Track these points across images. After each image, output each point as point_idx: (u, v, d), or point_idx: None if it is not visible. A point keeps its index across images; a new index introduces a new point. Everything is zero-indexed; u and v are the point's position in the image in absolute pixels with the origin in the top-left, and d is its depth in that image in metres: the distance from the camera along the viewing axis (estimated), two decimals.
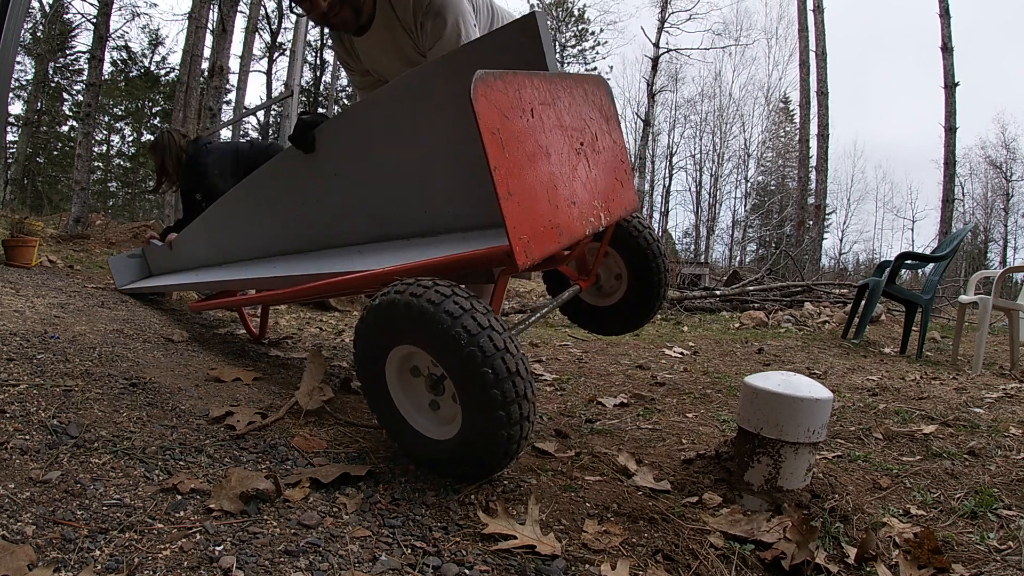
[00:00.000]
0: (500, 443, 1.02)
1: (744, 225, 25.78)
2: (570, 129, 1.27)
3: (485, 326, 1.01)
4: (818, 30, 14.10)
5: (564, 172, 1.21)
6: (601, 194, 1.36)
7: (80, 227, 7.17)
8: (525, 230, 1.07)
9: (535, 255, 1.08)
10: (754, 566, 0.95)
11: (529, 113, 1.12)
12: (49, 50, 18.25)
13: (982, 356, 3.06)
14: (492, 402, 0.99)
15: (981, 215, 24.28)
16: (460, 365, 1.01)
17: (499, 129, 1.03)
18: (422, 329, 1.03)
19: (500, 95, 1.04)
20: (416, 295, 1.04)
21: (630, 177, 1.54)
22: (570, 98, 1.28)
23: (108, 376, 1.56)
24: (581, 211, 1.25)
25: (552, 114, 1.20)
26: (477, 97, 0.98)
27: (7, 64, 2.33)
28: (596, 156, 1.36)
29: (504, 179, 1.02)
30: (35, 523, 0.83)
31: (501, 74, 1.05)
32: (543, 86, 1.18)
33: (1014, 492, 1.26)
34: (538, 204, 1.11)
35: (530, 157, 1.10)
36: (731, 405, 2.05)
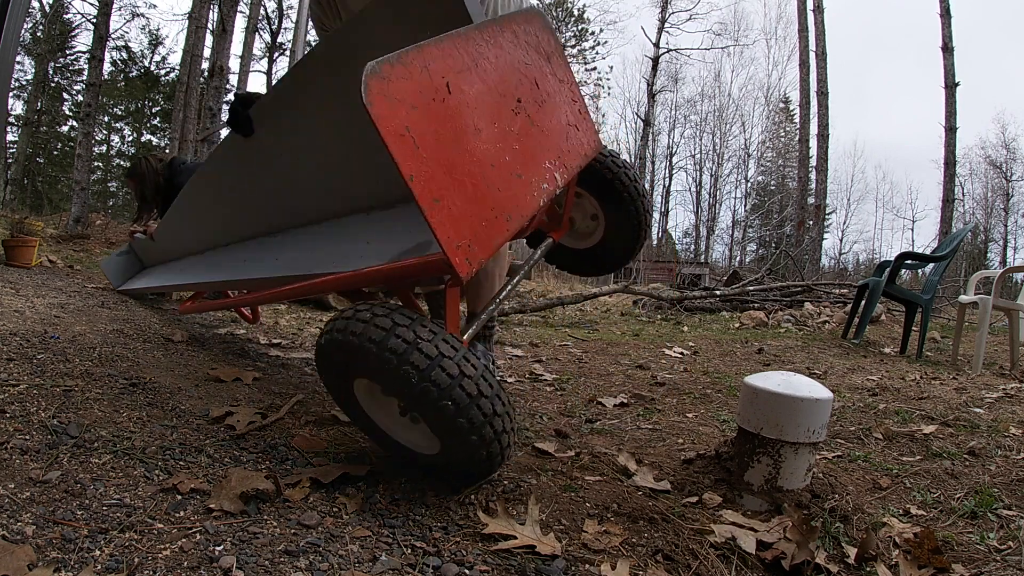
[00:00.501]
0: (482, 461, 1.00)
1: (744, 225, 25.79)
2: (502, 88, 1.08)
3: (433, 356, 0.92)
4: (818, 30, 14.10)
5: (502, 144, 1.04)
6: (552, 150, 1.19)
7: (80, 227, 7.17)
8: (463, 234, 0.94)
9: (481, 257, 0.96)
10: (754, 566, 0.95)
11: (444, 90, 0.95)
12: (49, 50, 18.25)
13: (982, 356, 3.06)
14: (461, 430, 0.94)
15: (981, 215, 24.29)
16: (417, 402, 0.95)
17: (408, 128, 0.87)
18: (371, 368, 0.96)
19: (401, 84, 0.87)
20: (356, 333, 0.95)
21: (585, 116, 1.35)
22: (496, 50, 1.08)
23: (108, 376, 1.56)
24: (530, 181, 1.10)
25: (475, 79, 1.02)
26: (372, 98, 0.83)
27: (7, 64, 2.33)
28: (539, 108, 1.17)
29: (426, 186, 0.89)
30: (35, 523, 0.83)
31: (398, 57, 0.88)
32: (458, 48, 0.99)
33: (1014, 492, 1.26)
34: (474, 196, 0.97)
35: (455, 144, 0.95)
36: (731, 405, 2.05)
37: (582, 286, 10.19)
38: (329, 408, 1.60)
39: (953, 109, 12.24)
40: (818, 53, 13.98)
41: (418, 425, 1.08)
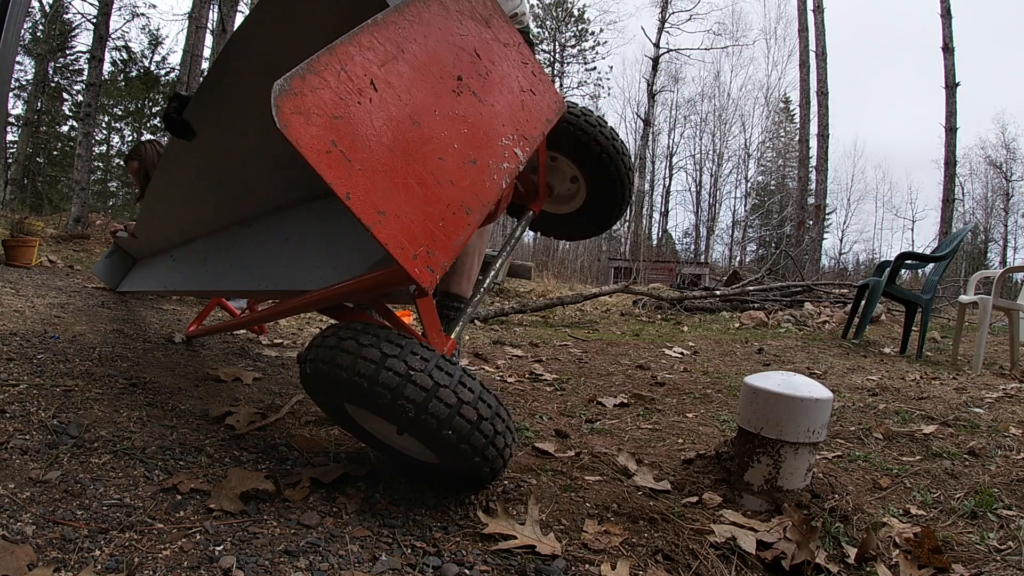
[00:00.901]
0: (484, 475, 1.00)
1: (744, 225, 25.79)
2: (437, 69, 0.99)
3: (429, 387, 0.87)
4: (818, 30, 14.11)
5: (447, 132, 0.96)
6: (508, 123, 1.10)
7: (80, 227, 7.17)
8: (418, 241, 0.87)
9: (444, 260, 0.90)
10: (754, 566, 0.95)
11: (370, 88, 0.86)
12: (49, 50, 18.25)
13: (982, 356, 3.06)
14: (464, 454, 0.92)
15: (981, 215, 24.29)
16: (416, 432, 0.91)
17: (334, 141, 0.80)
18: (363, 402, 0.91)
19: (318, 95, 0.79)
20: (344, 367, 0.89)
21: (541, 76, 1.23)
22: (423, 28, 0.98)
23: (108, 376, 1.56)
24: (487, 164, 1.02)
25: (404, 67, 0.93)
26: (287, 120, 0.75)
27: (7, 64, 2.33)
28: (485, 81, 1.08)
29: (366, 201, 0.81)
30: (35, 523, 0.83)
31: (308, 66, 0.79)
32: (376, 38, 0.90)
33: (1014, 492, 1.26)
34: (424, 198, 0.89)
35: (393, 145, 0.87)
36: (731, 405, 2.05)
37: (582, 286, 10.19)
38: None
39: (953, 109, 12.25)
40: (818, 53, 13.99)
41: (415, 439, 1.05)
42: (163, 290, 2.41)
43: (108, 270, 3.16)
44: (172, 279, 2.24)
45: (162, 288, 2.32)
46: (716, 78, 25.94)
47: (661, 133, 26.13)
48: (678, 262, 18.93)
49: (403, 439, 1.06)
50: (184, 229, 2.21)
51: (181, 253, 2.25)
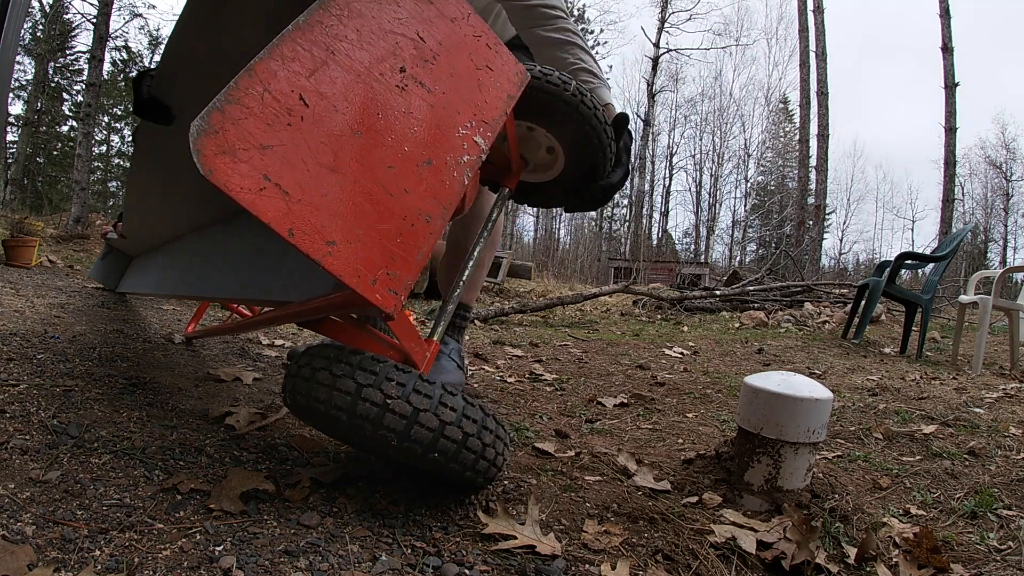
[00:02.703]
0: (478, 485, 0.99)
1: (744, 225, 25.80)
2: (376, 65, 0.87)
3: (408, 414, 0.85)
4: (818, 30, 14.12)
5: (395, 135, 0.87)
6: (464, 110, 1.00)
7: (80, 227, 7.17)
8: (376, 264, 0.81)
9: (408, 278, 0.84)
10: (754, 566, 0.95)
11: (300, 105, 0.77)
12: (49, 50, 18.25)
13: (982, 356, 3.06)
14: (454, 472, 0.92)
15: (981, 215, 24.30)
16: (403, 457, 0.89)
17: (266, 175, 0.71)
18: (340, 433, 0.89)
19: (242, 126, 0.70)
20: (320, 400, 0.86)
21: (497, 48, 1.09)
22: (355, 21, 0.87)
23: (108, 376, 1.56)
24: (444, 161, 0.94)
25: (336, 71, 0.82)
26: (211, 165, 0.67)
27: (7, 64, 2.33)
28: (433, 67, 0.96)
29: (311, 234, 0.74)
30: (35, 523, 0.83)
31: (225, 96, 0.70)
32: (299, 46, 0.78)
33: (1014, 492, 1.26)
34: (376, 215, 0.82)
35: (333, 165, 0.79)
36: (731, 405, 2.05)
37: (582, 286, 10.19)
38: None
39: (953, 109, 12.26)
40: (818, 53, 14.00)
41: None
42: (159, 294, 2.39)
43: (105, 271, 3.15)
44: (165, 283, 2.22)
45: (157, 292, 2.29)
46: (716, 78, 25.97)
47: (661, 133, 26.15)
48: (678, 262, 18.93)
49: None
50: (167, 227, 2.14)
51: (172, 250, 2.20)
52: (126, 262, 3.19)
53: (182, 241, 2.09)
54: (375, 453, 0.92)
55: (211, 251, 1.73)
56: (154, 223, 2.24)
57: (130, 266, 3.14)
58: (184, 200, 1.83)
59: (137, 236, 2.56)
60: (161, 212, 2.08)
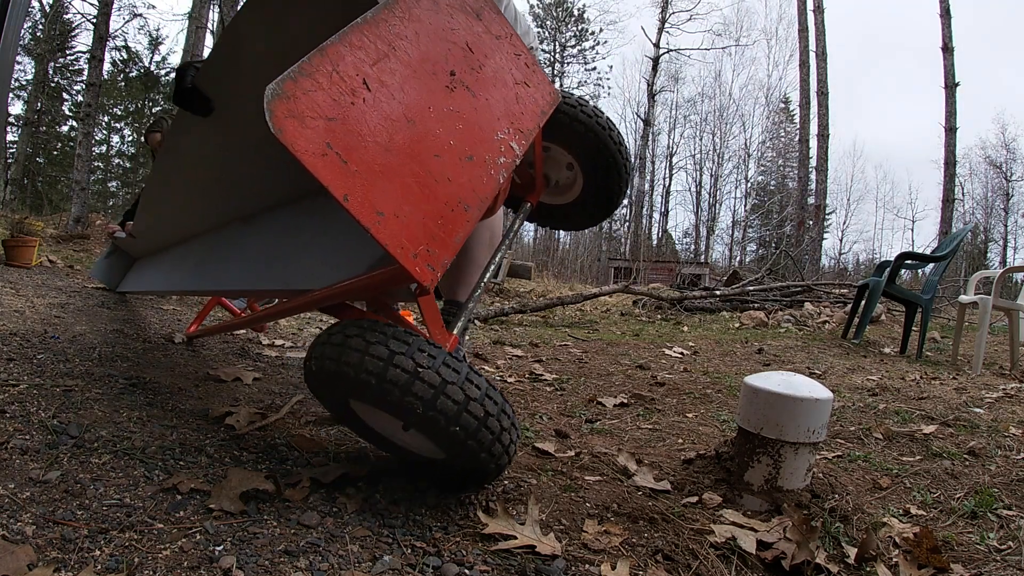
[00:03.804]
0: (490, 472, 1.01)
1: (744, 225, 25.78)
2: (430, 65, 0.98)
3: (437, 384, 0.88)
4: (818, 30, 14.12)
5: (442, 129, 0.96)
6: (503, 117, 1.09)
7: (80, 227, 7.17)
8: (418, 240, 0.87)
9: (444, 258, 0.90)
10: (754, 566, 0.95)
11: (363, 88, 0.85)
12: (49, 50, 18.25)
13: (982, 356, 3.06)
14: (471, 450, 0.94)
15: (981, 215, 24.28)
16: (423, 428, 0.92)
17: (329, 143, 0.79)
18: (371, 398, 0.91)
19: (310, 97, 0.79)
20: (351, 364, 0.89)
21: (535, 68, 1.21)
22: (414, 24, 0.96)
23: (108, 376, 1.56)
24: (484, 159, 1.02)
25: (396, 65, 0.92)
26: (280, 124, 0.74)
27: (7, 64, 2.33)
28: (478, 74, 1.06)
29: (364, 201, 0.82)
30: (35, 523, 0.83)
31: (299, 68, 0.78)
32: (367, 37, 0.88)
33: (1014, 492, 1.26)
34: (422, 196, 0.90)
35: (388, 145, 0.87)
36: (731, 405, 2.05)
37: (582, 286, 10.19)
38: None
39: (953, 109, 12.26)
40: (818, 53, 14.00)
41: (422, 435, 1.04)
42: (165, 291, 2.38)
43: (107, 271, 3.15)
44: (173, 279, 2.22)
45: (164, 289, 2.28)
46: (716, 78, 25.96)
47: (661, 133, 26.13)
48: (678, 262, 18.92)
49: (408, 436, 1.06)
50: (184, 226, 2.18)
51: (181, 251, 2.23)
52: (129, 263, 3.19)
53: (194, 241, 2.10)
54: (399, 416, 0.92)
55: (227, 248, 1.74)
56: (170, 222, 2.24)
57: (133, 267, 3.14)
58: (204, 199, 1.85)
59: (149, 235, 2.56)
60: (179, 211, 2.09)
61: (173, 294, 3.12)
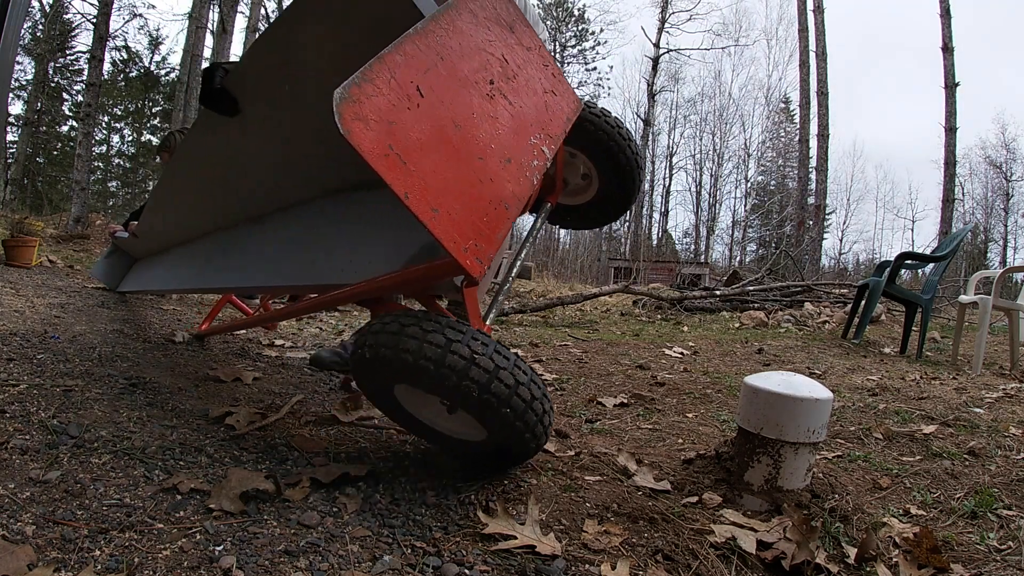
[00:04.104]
0: (530, 450, 1.08)
1: (744, 225, 25.77)
2: (472, 74, 1.04)
3: (491, 369, 0.95)
4: (818, 30, 14.11)
5: (484, 133, 1.03)
6: (535, 124, 1.16)
7: (80, 227, 7.17)
8: (468, 235, 0.94)
9: (489, 252, 0.97)
10: (754, 566, 0.95)
11: (416, 95, 0.92)
12: (49, 50, 18.24)
13: (982, 356, 3.06)
14: (517, 430, 1.00)
15: (981, 215, 24.27)
16: (476, 409, 0.98)
17: (391, 145, 0.86)
18: (422, 381, 0.97)
19: (373, 102, 0.85)
20: (409, 351, 0.95)
21: (560, 78, 1.30)
22: (457, 36, 1.03)
23: (108, 376, 1.56)
24: (520, 162, 1.09)
25: (443, 73, 0.98)
26: (350, 127, 0.81)
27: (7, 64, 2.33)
28: (513, 84, 1.14)
29: (422, 199, 0.88)
30: (35, 523, 0.83)
31: (362, 75, 0.84)
32: (419, 47, 0.94)
33: (1014, 492, 1.26)
34: (470, 195, 0.96)
35: (439, 147, 0.93)
36: (731, 405, 2.05)
37: (582, 286, 10.19)
38: (329, 408, 1.60)
39: (953, 109, 12.25)
40: (818, 53, 14.00)
41: (464, 417, 1.10)
42: (173, 289, 2.39)
43: (107, 270, 3.15)
44: (182, 277, 2.22)
45: (172, 287, 2.29)
46: (716, 78, 25.95)
47: (661, 133, 26.12)
48: (678, 262, 18.92)
49: (449, 421, 1.13)
50: (192, 226, 2.20)
51: (188, 250, 2.23)
52: (129, 263, 3.19)
53: (203, 240, 2.11)
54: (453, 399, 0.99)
55: (243, 245, 1.77)
56: (179, 222, 2.27)
57: (133, 267, 3.14)
58: (217, 199, 1.89)
59: (155, 235, 2.57)
60: (189, 211, 2.12)
61: (181, 292, 3.12)
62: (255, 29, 11.24)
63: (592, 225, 1.84)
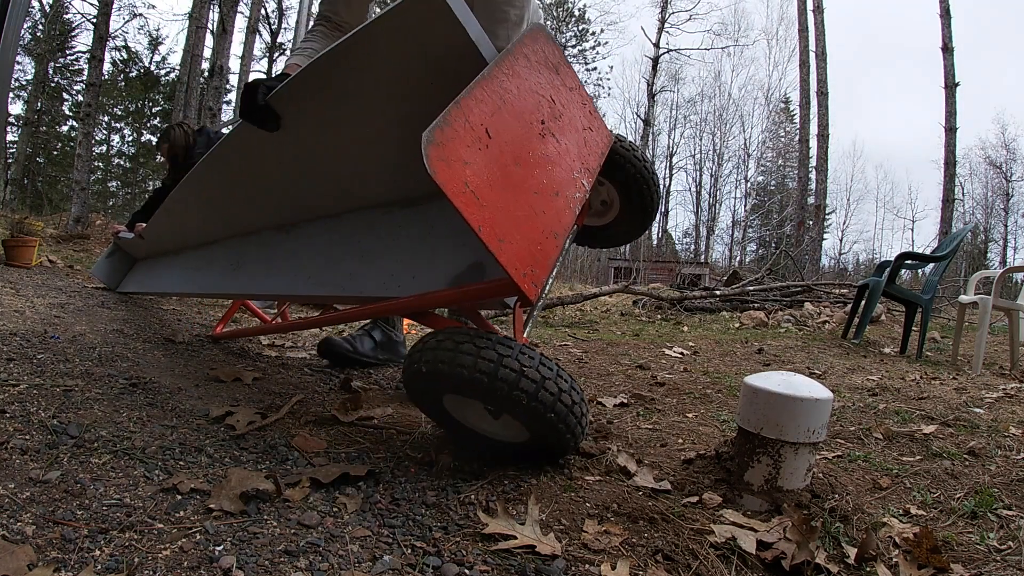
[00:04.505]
0: (570, 447, 1.19)
1: (744, 225, 25.78)
2: (527, 116, 1.13)
3: (538, 380, 1.06)
4: (818, 30, 14.12)
5: (538, 171, 1.12)
6: (576, 159, 1.25)
7: (80, 227, 7.17)
8: (526, 262, 1.03)
9: (542, 277, 1.07)
10: (754, 566, 0.95)
11: (485, 136, 1.01)
12: (49, 50, 18.25)
13: (982, 356, 3.06)
14: (561, 432, 1.12)
15: (981, 215, 24.28)
16: (524, 415, 1.08)
17: (467, 183, 0.94)
18: (477, 392, 1.07)
19: (453, 144, 0.93)
20: (465, 366, 1.05)
21: (595, 115, 1.40)
22: (516, 80, 1.12)
23: (108, 376, 1.56)
24: (566, 195, 1.18)
25: (506, 116, 1.07)
26: (435, 167, 0.88)
27: (7, 64, 2.33)
28: (560, 123, 1.23)
29: (492, 231, 0.96)
30: (35, 523, 0.83)
31: (444, 119, 0.92)
32: (487, 92, 1.04)
33: (1014, 492, 1.26)
34: (527, 226, 1.05)
35: (504, 184, 1.02)
36: (731, 405, 2.05)
37: (582, 286, 10.19)
38: (329, 408, 1.60)
39: (953, 109, 12.25)
40: (818, 53, 14.00)
41: (509, 421, 1.20)
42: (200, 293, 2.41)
43: (108, 270, 3.15)
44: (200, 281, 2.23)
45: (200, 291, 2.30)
46: (716, 78, 25.97)
47: (661, 133, 26.14)
48: (678, 262, 18.93)
49: (494, 425, 1.23)
50: (214, 231, 2.23)
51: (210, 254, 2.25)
52: (130, 263, 3.19)
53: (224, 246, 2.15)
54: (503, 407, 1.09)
55: (282, 255, 1.84)
56: (199, 227, 2.30)
57: (135, 268, 3.15)
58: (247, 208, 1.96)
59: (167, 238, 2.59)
60: (211, 218, 2.17)
61: (201, 296, 3.12)
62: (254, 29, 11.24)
63: (608, 245, 1.95)
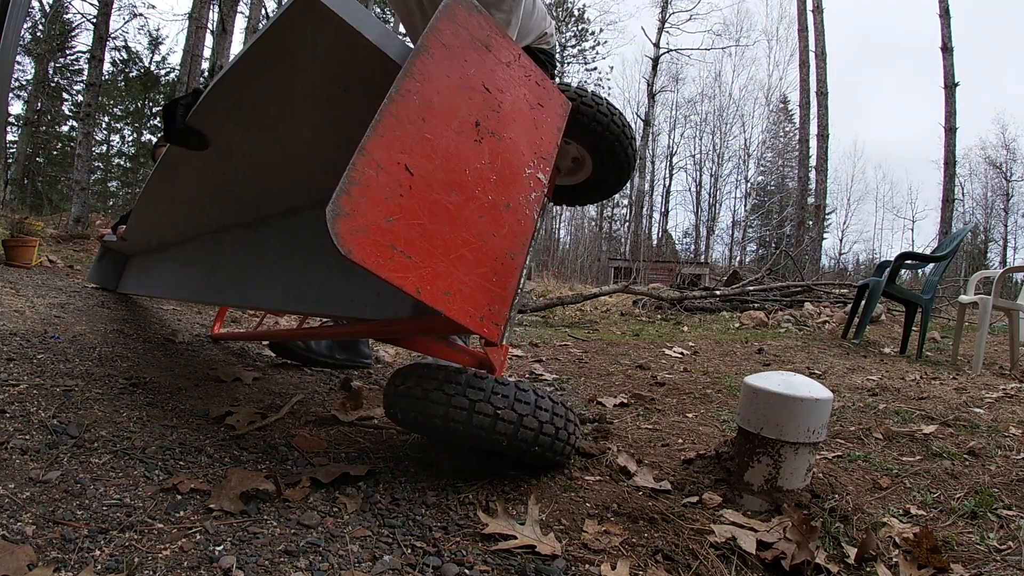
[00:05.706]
0: (561, 465, 1.18)
1: (744, 225, 25.78)
2: (457, 125, 0.93)
3: (515, 420, 1.02)
4: (818, 30, 14.12)
5: (480, 187, 0.96)
6: (527, 150, 1.07)
7: (80, 227, 7.17)
8: (481, 304, 0.93)
9: (504, 311, 0.98)
10: (754, 566, 0.95)
11: (407, 175, 0.84)
12: (49, 50, 18.24)
13: (982, 356, 3.06)
14: (550, 460, 1.11)
15: (981, 215, 24.28)
16: (508, 453, 1.06)
17: (392, 244, 0.80)
18: (455, 439, 1.04)
19: (366, 206, 0.78)
20: (438, 416, 1.00)
21: (544, 83, 1.15)
22: (434, 84, 0.90)
23: (108, 376, 1.56)
24: (518, 201, 1.03)
25: (429, 135, 0.88)
26: (349, 244, 0.75)
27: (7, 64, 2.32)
28: (500, 116, 1.02)
29: (433, 287, 0.85)
30: (35, 523, 0.83)
31: (349, 179, 0.77)
32: (400, 116, 0.84)
33: (1014, 492, 1.26)
34: (476, 261, 0.93)
35: (440, 225, 0.87)
36: (731, 405, 2.05)
37: (582, 286, 10.19)
38: (329, 408, 1.60)
39: (953, 109, 12.25)
40: (818, 53, 14.00)
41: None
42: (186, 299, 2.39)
43: (102, 274, 3.15)
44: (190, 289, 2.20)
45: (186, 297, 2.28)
46: (716, 78, 25.98)
47: (661, 133, 26.14)
48: (678, 262, 18.94)
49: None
50: (183, 231, 2.19)
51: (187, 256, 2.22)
52: (123, 262, 3.19)
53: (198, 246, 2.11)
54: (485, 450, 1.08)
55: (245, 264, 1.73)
56: (168, 227, 2.26)
57: (130, 265, 3.14)
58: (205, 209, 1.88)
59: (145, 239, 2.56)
60: (176, 219, 2.11)
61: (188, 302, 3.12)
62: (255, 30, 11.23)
63: (588, 201, 1.81)
